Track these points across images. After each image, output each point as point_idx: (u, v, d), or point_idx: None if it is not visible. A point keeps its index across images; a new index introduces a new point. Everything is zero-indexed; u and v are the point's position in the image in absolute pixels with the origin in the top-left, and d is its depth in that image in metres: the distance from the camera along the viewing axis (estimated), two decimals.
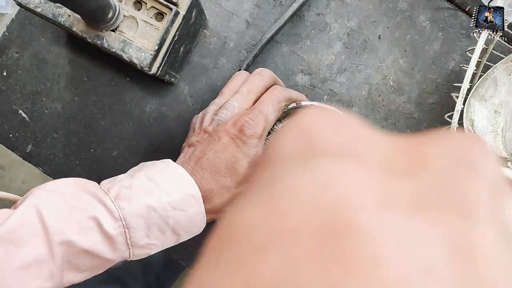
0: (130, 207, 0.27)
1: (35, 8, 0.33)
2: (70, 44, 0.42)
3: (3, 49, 0.42)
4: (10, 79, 0.42)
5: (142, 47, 0.33)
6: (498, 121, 0.38)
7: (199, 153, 0.31)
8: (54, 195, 0.27)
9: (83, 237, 0.26)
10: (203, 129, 0.33)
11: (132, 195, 0.28)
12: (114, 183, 0.29)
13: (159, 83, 0.41)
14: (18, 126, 0.42)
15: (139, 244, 0.28)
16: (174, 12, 0.33)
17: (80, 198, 0.27)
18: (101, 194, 0.28)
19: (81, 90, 0.42)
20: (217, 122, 0.32)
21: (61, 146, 0.42)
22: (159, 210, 0.28)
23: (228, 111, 0.32)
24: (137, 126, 0.42)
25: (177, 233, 0.29)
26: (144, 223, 0.27)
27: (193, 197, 0.29)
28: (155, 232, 0.28)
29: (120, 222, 0.27)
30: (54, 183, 0.28)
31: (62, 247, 0.25)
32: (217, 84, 0.41)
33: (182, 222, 0.29)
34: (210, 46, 0.42)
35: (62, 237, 0.25)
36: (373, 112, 0.41)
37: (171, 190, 0.28)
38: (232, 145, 0.30)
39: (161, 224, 0.28)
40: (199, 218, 0.30)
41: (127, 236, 0.27)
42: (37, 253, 0.24)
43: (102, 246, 0.26)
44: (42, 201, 0.26)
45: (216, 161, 0.30)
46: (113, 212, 0.27)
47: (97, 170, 0.42)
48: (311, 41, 0.42)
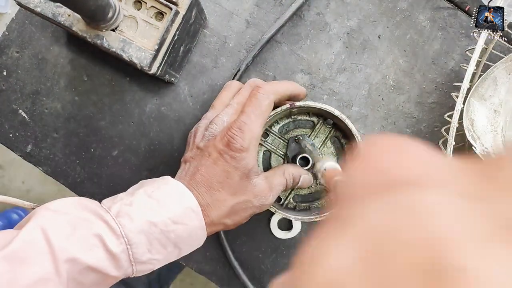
0: (131, 224, 0.28)
1: (35, 8, 0.33)
2: (70, 44, 0.42)
3: (3, 49, 0.42)
4: (10, 79, 0.42)
5: (142, 47, 0.33)
6: (498, 121, 0.38)
7: (193, 169, 0.32)
8: (58, 215, 0.27)
9: (88, 254, 0.26)
10: (196, 145, 0.33)
11: (132, 212, 0.28)
12: (115, 201, 0.30)
13: (159, 83, 0.41)
14: (18, 126, 0.42)
15: (141, 260, 0.28)
16: (174, 11, 0.33)
17: (83, 216, 0.28)
18: (103, 212, 0.28)
19: (81, 90, 0.42)
20: (207, 137, 0.33)
21: (61, 146, 0.42)
22: (160, 225, 0.28)
23: (217, 125, 0.33)
24: (137, 126, 0.42)
25: (178, 247, 0.30)
26: (145, 239, 0.28)
27: (192, 211, 0.29)
28: (157, 247, 0.28)
29: (122, 239, 0.27)
30: (57, 202, 0.29)
31: (68, 265, 0.26)
32: (217, 83, 0.41)
33: (183, 236, 0.29)
34: (210, 45, 0.42)
35: (67, 254, 0.26)
36: (373, 111, 0.41)
37: (171, 205, 0.29)
38: (221, 160, 0.31)
39: (163, 239, 0.28)
40: (199, 231, 0.30)
41: (129, 253, 0.27)
42: (43, 272, 0.25)
43: (106, 263, 0.27)
44: (47, 221, 0.27)
45: (209, 176, 0.31)
46: (115, 230, 0.27)
47: (97, 170, 0.42)
48: (311, 40, 0.42)
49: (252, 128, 0.31)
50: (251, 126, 0.31)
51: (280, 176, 0.34)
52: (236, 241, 0.42)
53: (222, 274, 0.42)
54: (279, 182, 0.34)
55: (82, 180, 0.42)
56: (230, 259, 0.40)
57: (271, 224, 0.41)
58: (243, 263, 0.41)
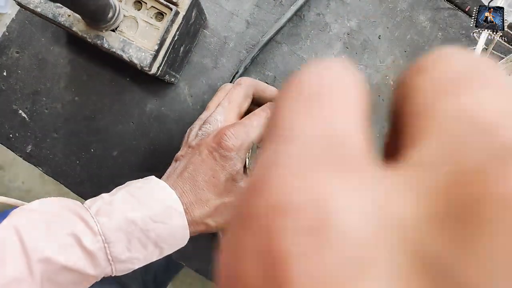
0: (109, 222, 0.27)
1: (35, 8, 0.33)
2: (70, 44, 0.42)
3: (3, 49, 0.42)
4: (10, 79, 0.42)
5: (142, 47, 0.33)
6: None
7: (182, 167, 0.32)
8: (33, 214, 0.27)
9: (62, 253, 0.26)
10: (188, 143, 0.34)
11: (112, 210, 0.28)
12: (95, 200, 0.29)
13: (159, 83, 0.41)
14: (18, 126, 0.42)
15: (120, 259, 0.28)
16: (174, 12, 0.33)
17: (60, 215, 0.27)
18: (82, 211, 0.28)
19: (81, 90, 0.42)
20: (200, 136, 0.33)
21: (61, 146, 0.42)
22: (139, 223, 0.28)
23: (211, 125, 0.33)
24: (137, 126, 0.42)
25: (159, 246, 0.29)
26: (124, 237, 0.27)
27: (174, 210, 0.29)
28: (136, 246, 0.28)
29: (99, 237, 0.27)
30: (35, 202, 0.29)
31: (41, 265, 0.25)
32: (217, 84, 0.41)
33: (163, 235, 0.29)
34: (210, 46, 0.42)
35: (40, 254, 0.25)
36: (373, 112, 0.41)
37: (152, 203, 0.29)
38: (210, 158, 0.31)
39: (142, 237, 0.28)
40: (181, 230, 0.30)
41: (107, 251, 0.27)
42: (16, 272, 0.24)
43: (83, 262, 0.27)
44: (21, 220, 0.26)
45: (195, 174, 0.31)
46: (93, 227, 0.27)
47: (97, 170, 0.42)
48: (311, 41, 0.42)
49: (249, 133, 0.32)
50: (249, 131, 0.32)
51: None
52: None
53: None
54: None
55: (82, 180, 0.42)
56: None
57: None
58: None
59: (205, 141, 0.32)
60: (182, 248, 0.41)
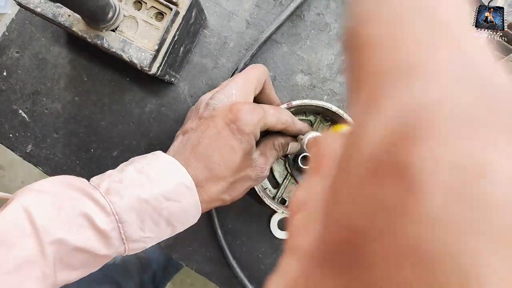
0: (121, 201, 0.27)
1: (35, 8, 0.33)
2: (70, 44, 0.42)
3: (3, 49, 0.42)
4: (10, 79, 0.42)
5: (142, 47, 0.33)
6: None
7: (194, 140, 0.31)
8: (42, 194, 0.27)
9: (75, 234, 0.25)
10: (199, 115, 0.32)
11: (122, 188, 0.27)
12: (103, 178, 0.29)
13: (159, 83, 0.41)
14: (18, 126, 0.42)
15: (133, 238, 0.27)
16: (174, 12, 0.33)
17: (69, 195, 0.27)
18: (91, 190, 0.27)
19: (81, 90, 0.42)
20: (212, 106, 0.31)
21: (61, 146, 0.42)
22: (152, 202, 0.27)
23: (225, 96, 0.31)
24: (137, 126, 0.42)
25: (172, 224, 0.29)
26: (137, 216, 0.27)
27: (186, 187, 0.28)
28: (149, 225, 0.28)
29: (112, 217, 0.26)
30: (42, 182, 0.28)
31: (54, 246, 0.25)
32: (217, 84, 0.41)
33: (176, 213, 0.28)
34: (210, 46, 0.42)
35: (52, 236, 0.25)
36: None
37: (163, 181, 0.28)
38: (227, 131, 0.30)
39: (155, 216, 0.28)
40: (193, 208, 0.29)
41: (120, 231, 0.27)
42: (27, 254, 0.24)
43: (95, 242, 0.26)
44: (30, 201, 0.26)
45: (211, 149, 0.30)
46: (105, 207, 0.26)
47: (97, 170, 0.42)
48: (311, 41, 0.42)
49: (267, 115, 0.31)
50: (267, 113, 0.31)
51: (271, 148, 0.34)
52: (236, 241, 0.42)
53: (222, 274, 0.42)
54: (272, 154, 0.34)
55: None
56: (229, 259, 0.40)
57: (271, 224, 0.41)
58: (243, 264, 0.41)
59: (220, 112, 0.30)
60: (182, 248, 0.41)
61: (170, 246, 0.41)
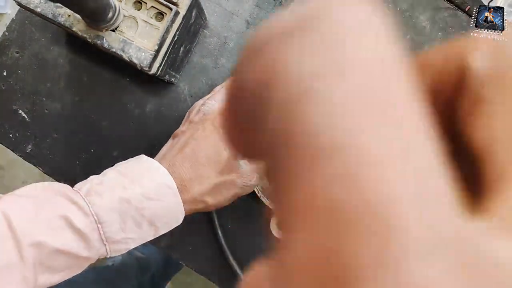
0: (101, 201, 0.27)
1: (35, 8, 0.33)
2: (70, 44, 0.42)
3: (3, 49, 0.42)
4: (10, 79, 0.42)
5: (142, 47, 0.33)
6: None
7: (182, 142, 0.31)
8: (21, 199, 0.27)
9: (54, 236, 0.25)
10: (190, 119, 0.33)
11: (103, 190, 0.27)
12: (85, 182, 0.29)
13: (159, 83, 0.41)
14: (18, 126, 0.42)
15: (114, 239, 0.27)
16: (174, 12, 0.33)
17: (49, 198, 0.27)
18: (72, 193, 0.27)
19: (81, 90, 0.42)
20: (203, 111, 0.32)
21: (61, 146, 0.42)
22: (133, 201, 0.27)
23: (216, 102, 0.32)
24: (137, 126, 0.42)
25: (154, 225, 0.29)
26: (118, 216, 0.27)
27: (168, 187, 0.28)
28: (130, 226, 0.28)
29: (91, 218, 0.26)
30: (24, 188, 0.28)
31: (33, 249, 0.25)
32: (217, 84, 0.41)
33: (158, 213, 0.28)
34: (210, 46, 0.42)
35: (31, 239, 0.25)
36: None
37: (145, 182, 0.28)
38: (214, 134, 0.30)
39: (137, 216, 0.27)
40: (176, 208, 0.29)
41: (100, 232, 0.27)
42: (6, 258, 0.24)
43: (75, 244, 0.26)
44: (9, 205, 0.26)
45: (197, 149, 0.30)
46: (83, 208, 0.26)
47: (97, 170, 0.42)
48: None
49: None
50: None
51: None
52: (236, 241, 0.42)
53: (222, 274, 0.42)
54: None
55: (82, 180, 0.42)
56: (229, 259, 0.40)
57: (271, 224, 0.41)
58: (243, 264, 0.41)
59: (210, 117, 0.31)
60: (182, 248, 0.41)
61: (170, 246, 0.41)
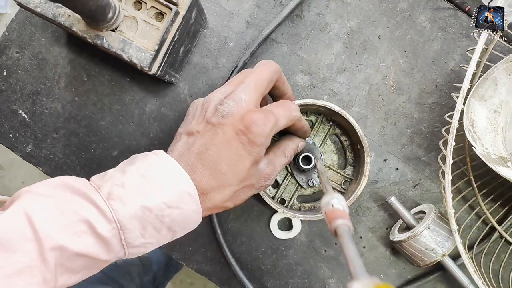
0: (124, 209, 0.26)
1: (35, 8, 0.33)
2: (70, 44, 0.42)
3: (3, 49, 0.42)
4: (10, 79, 0.42)
5: (142, 47, 0.33)
6: (498, 121, 0.38)
7: (200, 146, 0.30)
8: (42, 198, 0.26)
9: (76, 241, 0.25)
10: (206, 119, 0.30)
11: (125, 195, 0.27)
12: (104, 180, 0.28)
13: (159, 83, 0.41)
14: (18, 126, 0.42)
15: (134, 244, 0.27)
16: (174, 12, 0.33)
17: (70, 199, 0.27)
18: (92, 193, 0.27)
19: (81, 90, 0.42)
20: (221, 113, 0.30)
21: (61, 146, 0.42)
22: (155, 210, 0.27)
23: (235, 102, 0.30)
24: (137, 126, 0.42)
25: (172, 230, 0.29)
26: (139, 223, 0.27)
27: (189, 195, 0.28)
28: (150, 232, 0.28)
29: (114, 224, 0.26)
30: (41, 185, 0.28)
31: (55, 252, 0.25)
32: (217, 84, 0.41)
33: (177, 219, 0.28)
34: (210, 46, 0.42)
35: (53, 242, 0.25)
36: (373, 112, 0.41)
37: (166, 188, 0.28)
38: (236, 141, 0.29)
39: (157, 223, 0.27)
40: (195, 214, 0.29)
41: (121, 238, 0.27)
42: (28, 259, 0.24)
43: (96, 248, 0.26)
44: (31, 205, 0.25)
45: (218, 157, 0.29)
46: (106, 214, 0.26)
47: (97, 170, 0.42)
48: (311, 41, 0.42)
49: (278, 121, 0.30)
50: (278, 119, 0.30)
51: (282, 156, 0.33)
52: (236, 241, 0.42)
53: (222, 274, 0.42)
54: (281, 162, 0.33)
55: None
56: (229, 259, 0.40)
57: (271, 224, 0.41)
58: (243, 263, 0.41)
59: (230, 121, 0.29)
60: (182, 248, 0.41)
61: (170, 246, 0.41)
